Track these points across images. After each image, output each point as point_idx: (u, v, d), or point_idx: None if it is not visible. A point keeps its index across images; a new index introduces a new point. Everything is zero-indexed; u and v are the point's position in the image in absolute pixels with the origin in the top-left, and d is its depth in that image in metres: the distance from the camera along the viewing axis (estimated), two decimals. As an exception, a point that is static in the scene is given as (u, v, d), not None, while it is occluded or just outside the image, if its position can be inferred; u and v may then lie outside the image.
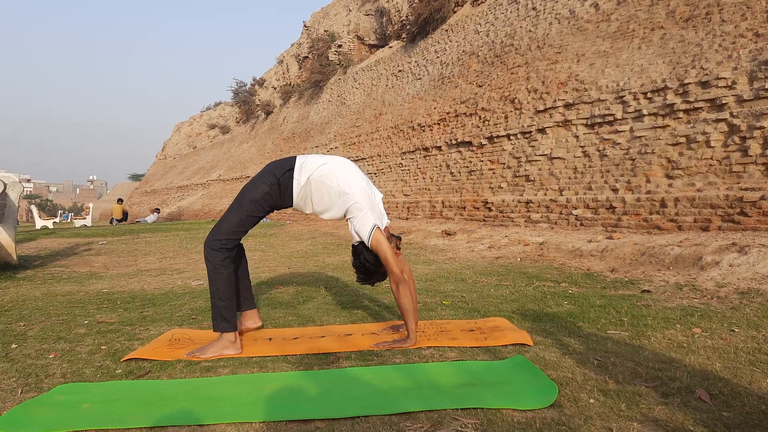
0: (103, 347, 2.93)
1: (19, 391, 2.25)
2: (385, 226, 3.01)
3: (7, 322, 3.59)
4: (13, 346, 2.98)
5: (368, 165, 14.41)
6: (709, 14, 7.01)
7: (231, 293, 2.89)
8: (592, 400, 1.95)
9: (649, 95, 6.96)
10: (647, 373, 2.21)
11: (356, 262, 3.00)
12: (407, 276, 3.02)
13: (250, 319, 3.18)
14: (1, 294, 4.82)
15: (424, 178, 11.56)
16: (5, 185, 6.03)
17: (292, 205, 2.96)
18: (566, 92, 8.33)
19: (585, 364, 2.35)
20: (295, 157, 2.98)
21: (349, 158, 15.55)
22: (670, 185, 6.15)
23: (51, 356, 2.76)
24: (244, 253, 3.25)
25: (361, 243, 2.92)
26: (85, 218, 22.22)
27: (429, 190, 11.10)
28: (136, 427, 1.86)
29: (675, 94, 6.64)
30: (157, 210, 24.79)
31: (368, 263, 2.93)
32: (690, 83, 6.47)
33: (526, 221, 7.87)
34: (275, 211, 3.18)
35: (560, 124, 8.23)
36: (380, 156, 13.86)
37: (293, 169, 2.91)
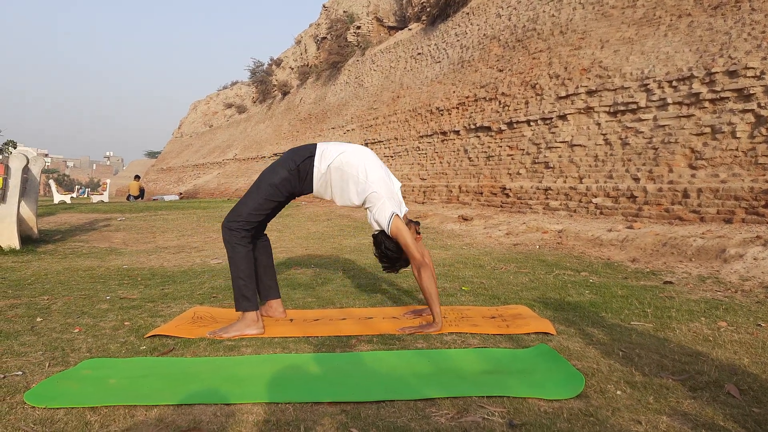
0: (126, 323, 2.96)
1: (47, 365, 2.27)
2: (404, 214, 2.99)
3: (31, 296, 3.64)
4: (39, 319, 3.01)
5: (385, 148, 14.36)
6: (739, 2, 6.86)
7: (251, 272, 2.90)
8: (619, 392, 1.93)
9: (674, 83, 6.85)
10: (674, 366, 2.19)
11: (378, 251, 2.99)
12: (428, 260, 3.01)
13: (275, 310, 3.16)
14: (24, 267, 4.88)
15: (441, 163, 11.50)
16: (28, 160, 6.08)
17: (312, 192, 2.95)
18: (589, 79, 8.22)
19: (610, 355, 2.33)
20: (316, 144, 2.96)
21: (365, 141, 15.48)
22: (693, 176, 6.06)
23: (76, 331, 2.79)
24: (268, 242, 3.23)
25: (382, 232, 2.90)
26: (102, 194, 22.42)
27: (446, 174, 11.04)
28: (163, 404, 1.87)
29: (701, 83, 6.53)
30: (181, 194, 25.11)
31: (390, 251, 2.92)
32: (717, 72, 6.34)
33: (544, 208, 7.81)
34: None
35: (582, 111, 8.12)
36: (397, 139, 13.81)
37: (314, 156, 2.89)
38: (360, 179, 2.85)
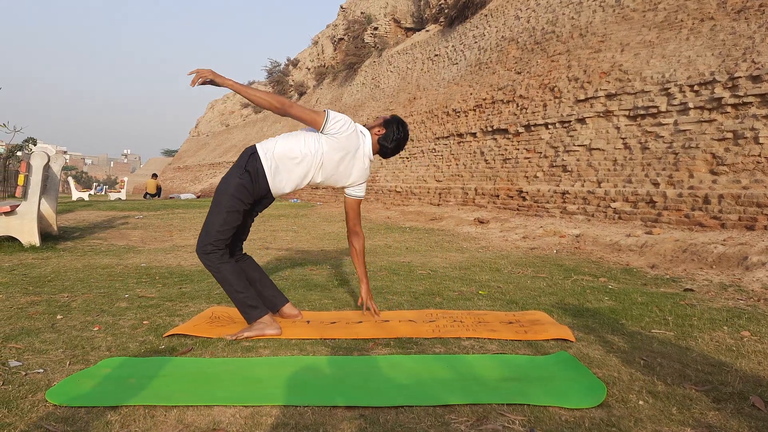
0: (145, 322, 2.98)
1: (67, 363, 2.29)
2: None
3: (52, 293, 3.67)
4: (59, 317, 3.04)
5: (401, 149, 14.34)
6: (763, 6, 6.76)
7: (244, 282, 2.84)
8: (641, 402, 1.91)
9: (695, 88, 6.76)
10: (696, 376, 2.15)
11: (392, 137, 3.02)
12: None
13: (288, 313, 3.11)
14: (44, 264, 4.93)
15: (457, 165, 11.46)
16: (49, 158, 6.15)
17: (270, 191, 2.83)
18: (608, 82, 8.15)
19: (631, 364, 2.30)
20: (254, 145, 2.90)
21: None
22: (714, 181, 5.99)
23: (95, 329, 2.81)
24: (251, 258, 3.16)
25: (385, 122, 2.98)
26: (119, 192, 22.64)
27: (462, 176, 11.01)
28: (182, 405, 1.88)
29: (723, 87, 6.44)
30: (199, 195, 25.39)
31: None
32: (740, 77, 6.26)
33: (561, 212, 7.75)
34: (264, 206, 3.05)
35: (601, 115, 8.06)
36: (413, 141, 13.78)
37: (256, 152, 2.82)
38: (301, 157, 2.82)
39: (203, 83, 2.74)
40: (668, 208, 6.22)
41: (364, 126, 3.01)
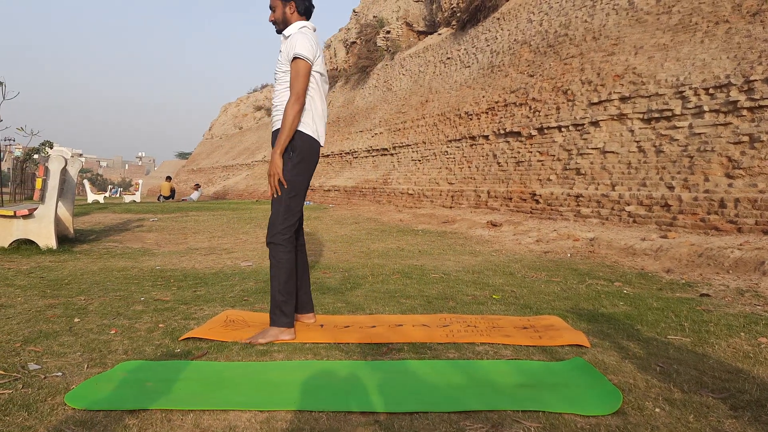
0: (160, 325, 3.00)
1: (85, 366, 2.32)
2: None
3: (69, 296, 3.72)
4: (76, 320, 3.08)
5: (413, 152, 14.35)
6: (781, 7, 6.69)
7: (292, 288, 2.86)
8: (657, 410, 1.89)
9: (710, 91, 6.71)
10: (713, 384, 2.14)
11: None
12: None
13: (307, 319, 3.14)
14: (61, 267, 4.99)
15: (469, 167, 11.44)
16: (66, 161, 6.22)
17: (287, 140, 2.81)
18: (622, 85, 8.10)
19: (647, 370, 2.29)
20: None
21: (393, 144, 15.45)
22: (730, 185, 5.93)
23: (112, 332, 2.84)
24: (304, 243, 3.17)
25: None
26: (134, 194, 22.81)
27: (474, 179, 10.99)
28: (198, 409, 1.90)
29: (739, 90, 6.38)
30: (197, 185, 25.38)
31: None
32: (756, 80, 6.20)
33: (575, 215, 7.72)
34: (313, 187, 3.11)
35: (615, 118, 8.01)
36: (425, 143, 13.78)
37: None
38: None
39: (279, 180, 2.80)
40: (683, 211, 6.17)
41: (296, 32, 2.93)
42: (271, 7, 2.99)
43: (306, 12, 3.00)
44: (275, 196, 2.83)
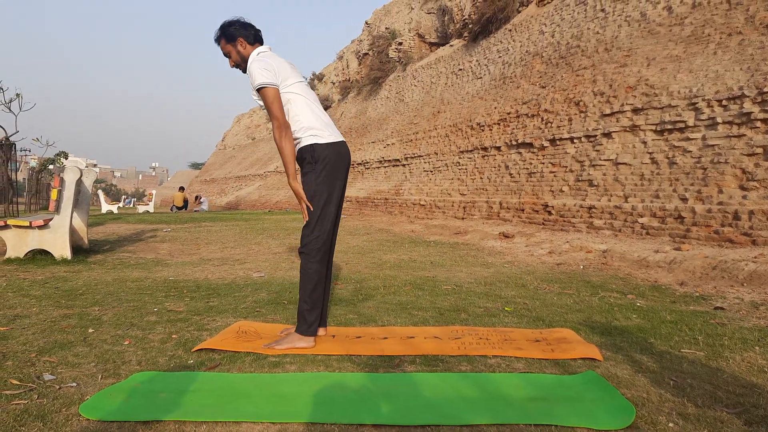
0: (173, 336, 3.03)
1: (99, 377, 2.34)
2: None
3: (83, 306, 3.75)
4: (90, 330, 3.11)
5: (425, 162, 14.37)
6: (795, 18, 6.66)
7: (318, 299, 2.91)
8: (671, 424, 1.88)
9: (724, 103, 6.68)
10: (728, 398, 2.12)
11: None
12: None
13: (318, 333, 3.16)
14: (75, 277, 5.04)
15: (481, 178, 11.44)
16: (81, 172, 6.30)
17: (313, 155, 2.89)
18: (635, 96, 8.08)
19: (660, 384, 2.27)
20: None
21: (405, 155, 15.47)
22: (744, 197, 5.89)
23: (126, 343, 2.87)
24: (330, 268, 3.15)
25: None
26: (147, 204, 23.01)
27: (486, 190, 10.98)
28: (211, 420, 1.91)
29: (753, 102, 6.35)
30: (198, 197, 25.58)
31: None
32: (771, 91, 6.16)
33: (588, 227, 7.68)
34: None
35: (627, 129, 7.99)
36: (437, 154, 13.80)
37: (300, 139, 2.92)
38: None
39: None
40: (697, 223, 6.13)
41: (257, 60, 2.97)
42: (225, 55, 3.04)
43: (256, 39, 3.03)
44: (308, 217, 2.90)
